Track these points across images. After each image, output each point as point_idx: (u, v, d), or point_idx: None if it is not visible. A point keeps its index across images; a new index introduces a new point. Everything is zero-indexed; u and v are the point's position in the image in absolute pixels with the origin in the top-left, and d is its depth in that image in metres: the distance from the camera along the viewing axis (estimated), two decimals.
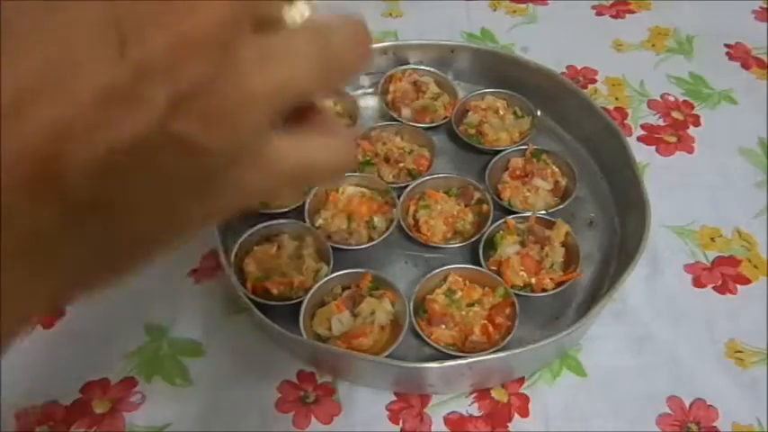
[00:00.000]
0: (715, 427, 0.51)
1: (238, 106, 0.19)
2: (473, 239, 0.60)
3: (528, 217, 0.61)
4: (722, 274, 0.60)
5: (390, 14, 0.85)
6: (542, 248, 0.58)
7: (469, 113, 0.70)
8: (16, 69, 0.17)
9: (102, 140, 0.17)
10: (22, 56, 0.17)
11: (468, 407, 0.53)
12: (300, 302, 0.55)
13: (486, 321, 0.55)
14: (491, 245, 0.60)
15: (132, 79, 0.17)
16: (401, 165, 0.66)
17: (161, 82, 0.17)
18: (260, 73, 0.19)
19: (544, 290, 0.57)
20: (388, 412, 0.53)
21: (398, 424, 0.52)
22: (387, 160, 0.66)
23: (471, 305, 0.56)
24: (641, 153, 0.68)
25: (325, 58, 0.21)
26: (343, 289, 0.57)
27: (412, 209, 0.63)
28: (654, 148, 0.70)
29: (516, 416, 0.52)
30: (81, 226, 0.19)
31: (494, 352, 0.52)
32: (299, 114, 0.24)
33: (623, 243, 0.61)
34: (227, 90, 0.18)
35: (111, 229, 0.20)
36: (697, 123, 0.72)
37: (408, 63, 0.74)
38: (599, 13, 0.85)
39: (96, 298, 0.21)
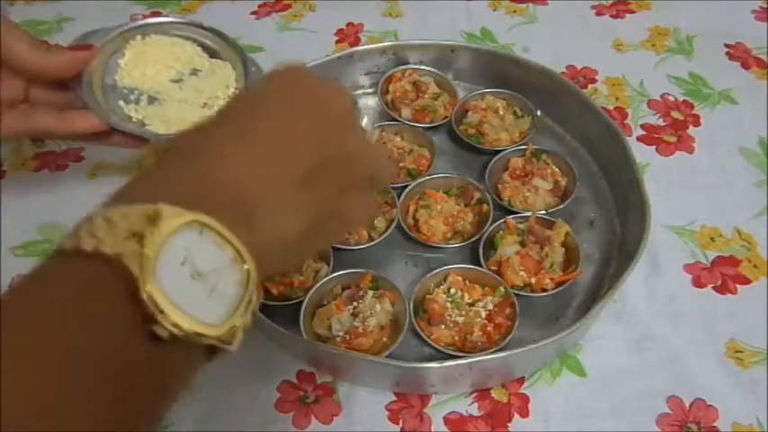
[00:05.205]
0: (715, 427, 0.51)
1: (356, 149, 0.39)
2: (473, 239, 0.60)
3: (528, 217, 0.61)
4: (722, 274, 0.60)
5: (390, 14, 0.85)
6: (542, 248, 0.58)
7: (469, 113, 0.70)
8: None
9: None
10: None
11: (468, 407, 0.53)
12: (300, 302, 0.55)
13: (486, 321, 0.55)
14: (491, 245, 0.60)
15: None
16: (401, 165, 0.66)
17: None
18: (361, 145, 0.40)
19: (544, 290, 0.57)
20: (388, 412, 0.53)
21: (398, 424, 0.52)
22: None
23: (471, 305, 0.56)
24: (641, 153, 0.68)
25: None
26: (343, 289, 0.57)
27: (412, 209, 0.63)
28: (654, 148, 0.70)
29: (516, 416, 0.52)
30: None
31: (494, 352, 0.52)
32: None
33: (623, 243, 0.61)
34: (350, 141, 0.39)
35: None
36: (697, 123, 0.72)
37: (408, 63, 0.74)
38: (599, 13, 0.85)
39: None
